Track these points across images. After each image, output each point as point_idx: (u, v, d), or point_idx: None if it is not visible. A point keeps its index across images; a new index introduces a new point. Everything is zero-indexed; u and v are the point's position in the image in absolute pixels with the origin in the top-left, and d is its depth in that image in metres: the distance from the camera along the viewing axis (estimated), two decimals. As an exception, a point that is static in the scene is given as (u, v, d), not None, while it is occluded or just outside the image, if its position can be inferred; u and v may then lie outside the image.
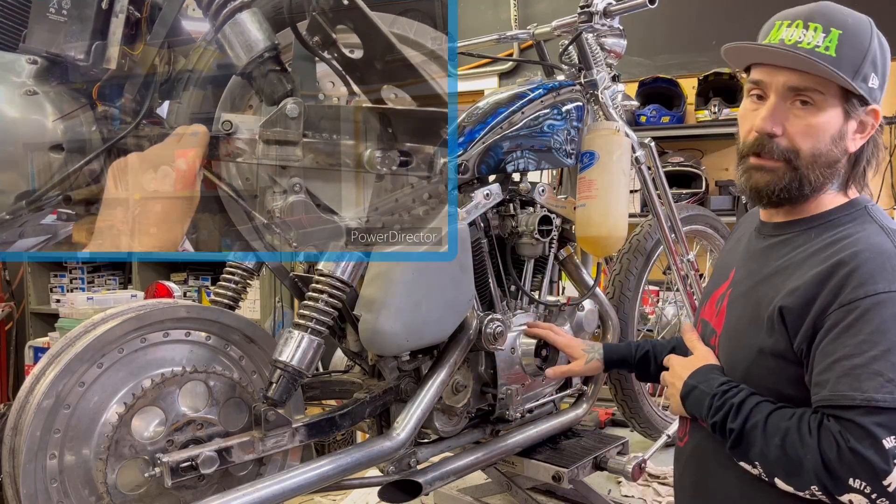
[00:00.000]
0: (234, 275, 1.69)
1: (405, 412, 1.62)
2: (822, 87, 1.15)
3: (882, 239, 1.13)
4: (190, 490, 1.38)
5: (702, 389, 1.23)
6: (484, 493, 2.35)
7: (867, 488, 1.03)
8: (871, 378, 1.04)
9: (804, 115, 1.17)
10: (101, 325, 1.38)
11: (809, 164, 1.18)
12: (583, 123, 1.98)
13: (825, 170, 1.19)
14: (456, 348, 1.71)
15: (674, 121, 3.86)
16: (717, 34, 3.85)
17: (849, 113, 1.17)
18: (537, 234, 1.88)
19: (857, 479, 1.03)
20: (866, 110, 1.18)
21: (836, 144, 1.18)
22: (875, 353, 1.04)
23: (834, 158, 1.19)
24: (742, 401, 1.16)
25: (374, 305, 1.55)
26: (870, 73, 1.17)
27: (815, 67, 1.14)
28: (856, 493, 1.04)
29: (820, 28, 1.16)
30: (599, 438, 2.12)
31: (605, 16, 1.95)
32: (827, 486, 1.05)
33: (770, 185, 1.21)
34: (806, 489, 1.08)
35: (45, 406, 1.27)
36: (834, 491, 1.05)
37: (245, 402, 1.46)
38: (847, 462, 1.03)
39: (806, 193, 1.21)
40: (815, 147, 1.18)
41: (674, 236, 2.26)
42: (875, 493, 1.03)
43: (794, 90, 1.17)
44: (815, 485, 1.07)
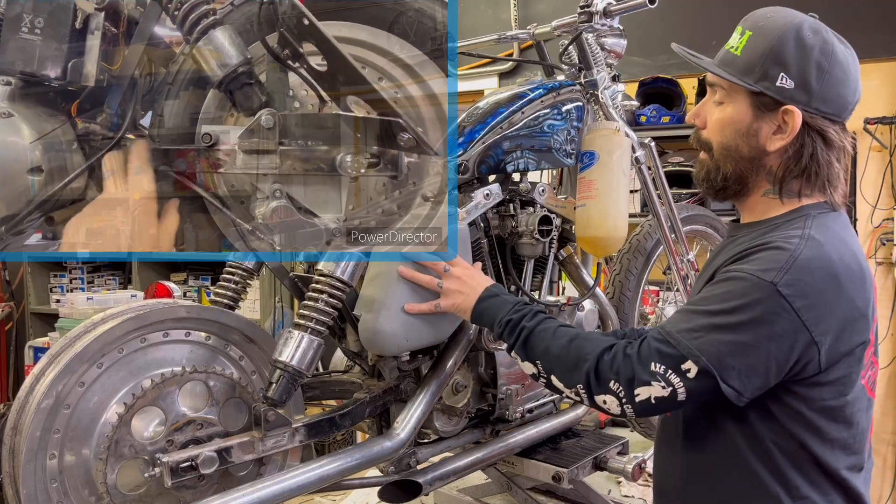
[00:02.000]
0: (233, 275, 1.69)
1: (405, 412, 1.62)
2: (725, 85, 1.25)
3: (794, 241, 1.16)
4: (190, 490, 1.38)
5: (504, 298, 1.41)
6: (484, 493, 2.35)
7: (621, 392, 1.18)
8: (686, 322, 1.17)
9: (715, 111, 1.28)
10: (101, 325, 1.38)
11: (721, 156, 1.27)
12: (583, 123, 1.98)
13: (740, 164, 1.25)
14: (456, 348, 1.71)
15: (674, 121, 3.87)
16: (717, 34, 3.83)
17: (759, 111, 1.22)
18: (537, 234, 1.88)
19: (616, 384, 1.18)
20: (781, 110, 1.20)
21: (745, 140, 1.24)
22: (703, 309, 1.17)
23: (745, 154, 1.24)
24: (539, 311, 1.35)
25: (373, 305, 1.55)
26: (776, 72, 1.18)
27: (698, 67, 1.27)
28: (611, 394, 1.19)
29: (741, 30, 1.26)
30: (599, 438, 2.12)
31: (605, 16, 1.94)
32: (591, 383, 1.21)
33: (699, 175, 1.33)
34: (574, 386, 1.24)
35: (45, 406, 1.27)
36: (595, 389, 1.21)
37: (245, 402, 1.46)
38: (616, 366, 1.19)
39: (730, 185, 1.28)
40: (723, 140, 1.26)
41: (674, 236, 2.26)
42: (625, 399, 1.18)
43: (710, 85, 1.29)
44: (582, 382, 1.22)
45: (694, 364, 1.13)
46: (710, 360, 1.12)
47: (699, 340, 1.13)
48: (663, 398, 1.15)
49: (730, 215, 3.50)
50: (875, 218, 3.70)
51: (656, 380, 1.15)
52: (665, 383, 1.14)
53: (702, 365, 1.12)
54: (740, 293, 1.13)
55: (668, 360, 1.15)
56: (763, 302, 1.11)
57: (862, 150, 3.65)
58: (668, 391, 1.15)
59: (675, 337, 1.16)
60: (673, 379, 1.14)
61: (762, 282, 1.12)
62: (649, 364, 1.16)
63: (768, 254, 1.16)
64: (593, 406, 1.23)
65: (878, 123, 3.62)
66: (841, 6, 3.61)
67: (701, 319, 1.16)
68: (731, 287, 1.15)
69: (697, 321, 1.16)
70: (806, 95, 1.19)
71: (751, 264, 1.15)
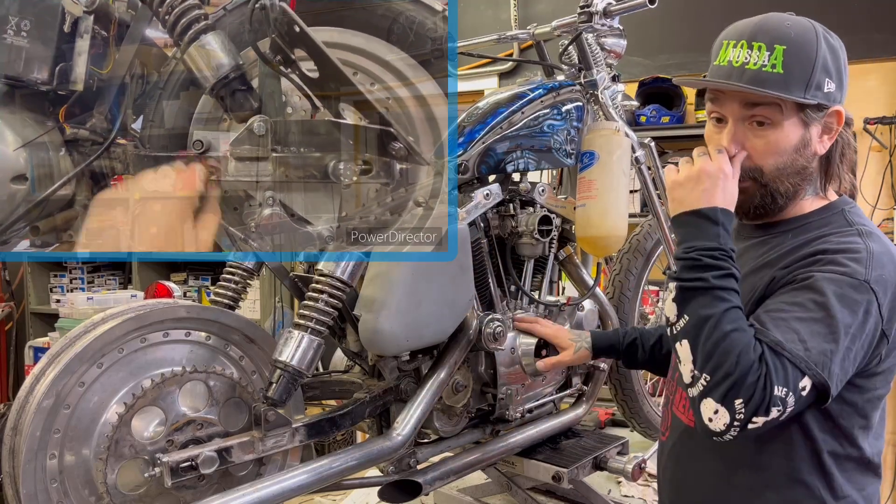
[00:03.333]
0: (234, 275, 1.69)
1: (405, 412, 1.62)
2: (777, 102, 1.17)
3: (857, 239, 1.16)
4: (190, 490, 1.38)
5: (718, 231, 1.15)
6: (484, 493, 2.35)
7: (741, 414, 1.03)
8: (787, 332, 1.07)
9: (763, 134, 1.19)
10: (101, 325, 1.38)
11: (775, 178, 1.21)
12: (583, 123, 1.98)
13: (794, 178, 1.22)
14: (456, 348, 1.71)
15: (674, 121, 3.86)
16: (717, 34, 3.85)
17: (807, 121, 1.19)
18: (537, 234, 1.88)
19: (744, 405, 1.03)
20: (827, 113, 1.20)
21: (800, 154, 1.20)
22: (802, 316, 1.08)
23: (801, 167, 1.21)
24: (734, 276, 1.13)
25: (373, 305, 1.55)
26: (823, 79, 1.17)
27: (762, 95, 1.15)
28: (730, 411, 1.04)
29: (764, 47, 1.17)
30: (599, 438, 2.12)
31: (604, 16, 1.94)
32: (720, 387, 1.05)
33: (745, 204, 1.23)
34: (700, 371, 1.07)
35: (45, 406, 1.27)
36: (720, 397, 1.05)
37: (245, 402, 1.46)
38: (753, 389, 1.03)
39: (781, 204, 1.24)
40: (777, 162, 1.20)
41: (673, 236, 2.26)
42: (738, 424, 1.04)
43: (748, 109, 1.19)
44: (712, 377, 1.06)
45: (810, 380, 1.06)
46: (823, 371, 1.06)
47: (812, 353, 1.06)
48: (771, 421, 1.06)
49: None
50: (875, 218, 3.70)
51: (776, 404, 1.04)
52: (781, 406, 1.05)
53: (817, 380, 1.06)
54: (838, 296, 1.08)
55: (788, 380, 1.05)
56: (860, 302, 1.09)
57: (862, 150, 3.64)
58: (780, 413, 1.05)
59: (786, 349, 1.06)
60: (790, 400, 1.05)
61: (854, 280, 1.09)
62: (774, 388, 1.04)
63: (844, 254, 1.12)
64: (694, 406, 1.10)
65: (878, 123, 3.62)
66: (841, 6, 3.61)
67: (803, 327, 1.07)
68: (827, 290, 1.09)
69: (800, 329, 1.07)
70: (841, 93, 1.21)
71: (835, 266, 1.11)
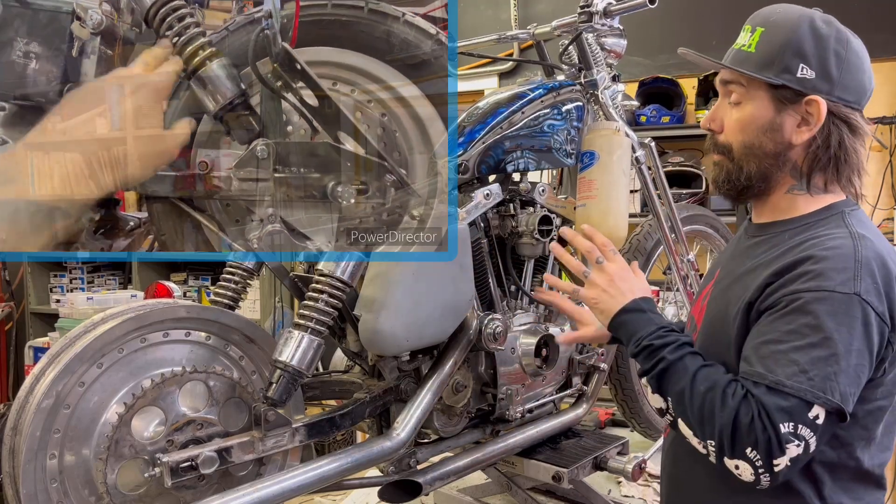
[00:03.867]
0: (234, 275, 1.69)
1: (405, 412, 1.62)
2: (744, 81, 1.23)
3: (847, 242, 1.14)
4: (190, 490, 1.38)
5: (650, 316, 1.25)
6: (484, 493, 2.35)
7: (758, 461, 1.06)
8: (787, 365, 1.07)
9: (733, 111, 1.26)
10: (101, 325, 1.38)
11: (743, 155, 1.25)
12: (583, 123, 1.98)
13: (764, 161, 1.23)
14: (456, 348, 1.71)
15: (674, 121, 3.86)
16: (717, 34, 3.85)
17: (780, 105, 1.20)
18: (537, 234, 1.88)
19: (755, 451, 1.06)
20: (804, 101, 1.19)
21: (769, 136, 1.22)
22: (799, 344, 1.08)
23: (770, 150, 1.22)
24: (684, 343, 1.20)
25: (374, 305, 1.55)
26: (795, 63, 1.18)
27: (708, 64, 1.26)
28: (747, 462, 1.07)
29: (750, 28, 1.24)
30: (599, 438, 2.12)
31: (605, 16, 1.94)
32: (724, 445, 1.08)
33: (718, 177, 1.30)
34: (704, 440, 1.12)
35: (45, 406, 1.27)
36: (729, 452, 1.08)
37: (245, 402, 1.46)
38: (755, 432, 1.06)
39: (754, 184, 1.26)
40: (744, 139, 1.24)
41: (674, 236, 2.26)
42: (762, 469, 1.06)
43: (724, 85, 1.26)
44: (714, 440, 1.10)
45: (821, 408, 1.05)
46: (835, 396, 1.05)
47: (815, 381, 1.05)
48: (798, 457, 1.06)
49: (730, 215, 3.51)
50: (875, 218, 3.70)
51: (790, 441, 1.05)
52: (798, 441, 1.05)
53: (829, 406, 1.06)
54: (830, 314, 1.07)
55: (794, 415, 1.05)
56: (855, 316, 1.07)
57: (862, 150, 3.65)
58: (801, 447, 1.05)
59: (787, 385, 1.06)
60: (804, 432, 1.05)
61: (845, 295, 1.08)
62: (779, 427, 1.05)
63: (831, 263, 1.10)
64: (719, 466, 1.11)
65: (878, 123, 3.62)
66: (841, 6, 3.60)
67: (802, 356, 1.07)
68: (817, 310, 1.08)
69: (799, 359, 1.07)
70: (828, 84, 1.19)
71: (821, 280, 1.09)
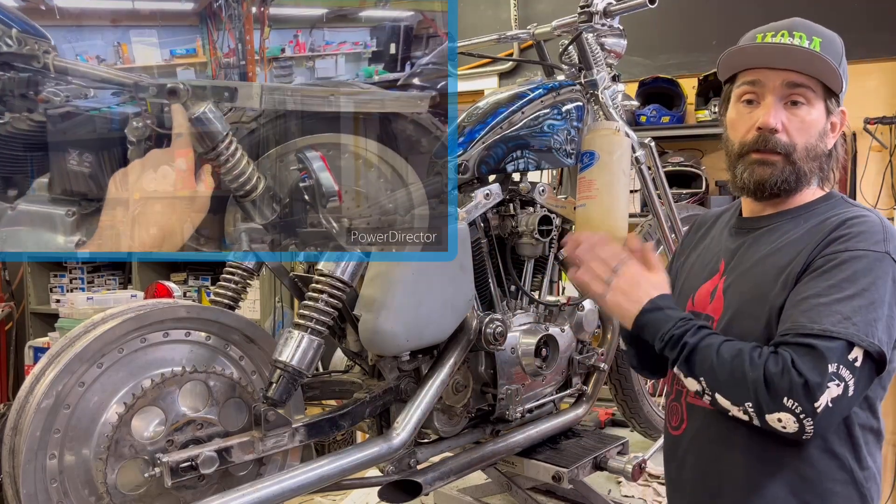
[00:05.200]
0: (234, 275, 1.69)
1: (405, 412, 1.62)
2: (814, 85, 1.27)
3: (869, 214, 1.25)
4: (190, 490, 1.38)
5: (668, 313, 1.29)
6: (484, 493, 2.35)
7: (798, 407, 1.10)
8: (830, 315, 1.13)
9: (798, 113, 1.28)
10: (101, 325, 1.38)
11: (803, 157, 1.29)
12: (583, 123, 1.98)
13: (813, 163, 1.31)
14: (456, 348, 1.71)
15: (674, 121, 3.86)
16: (717, 34, 3.85)
17: (829, 111, 1.30)
18: (537, 234, 1.88)
19: (791, 399, 1.10)
20: (838, 111, 1.31)
21: (821, 140, 1.30)
22: (840, 297, 1.15)
23: (820, 153, 1.31)
24: (702, 326, 1.25)
25: (374, 305, 1.55)
26: (845, 76, 1.29)
27: (822, 61, 1.24)
28: (787, 412, 1.11)
29: (804, 36, 1.27)
30: (599, 438, 2.12)
31: (605, 16, 1.95)
32: (761, 401, 1.12)
33: (773, 177, 1.30)
34: (741, 404, 1.15)
35: (45, 406, 1.27)
36: (767, 407, 1.12)
37: (245, 402, 1.46)
38: (787, 379, 1.10)
39: (799, 186, 1.32)
40: (808, 142, 1.29)
41: (674, 236, 2.26)
42: (804, 414, 1.10)
43: (790, 87, 1.27)
44: (750, 400, 1.14)
45: (860, 350, 1.12)
46: (875, 340, 1.12)
47: (858, 326, 1.12)
48: (838, 397, 1.11)
49: (730, 215, 3.50)
50: (875, 218, 3.70)
51: (832, 380, 1.10)
52: (838, 380, 1.11)
53: (871, 349, 1.12)
54: (867, 270, 1.16)
55: (837, 354, 1.11)
56: (887, 273, 1.16)
57: (862, 150, 3.64)
58: (841, 387, 1.11)
59: (833, 330, 1.12)
60: (844, 373, 1.11)
61: (879, 254, 1.17)
62: (824, 366, 1.10)
63: (863, 228, 1.20)
64: (764, 426, 1.15)
65: (878, 123, 3.61)
66: (841, 6, 3.61)
67: (844, 306, 1.14)
68: (855, 267, 1.16)
69: (842, 309, 1.14)
70: (843, 97, 1.31)
71: (856, 241, 1.19)
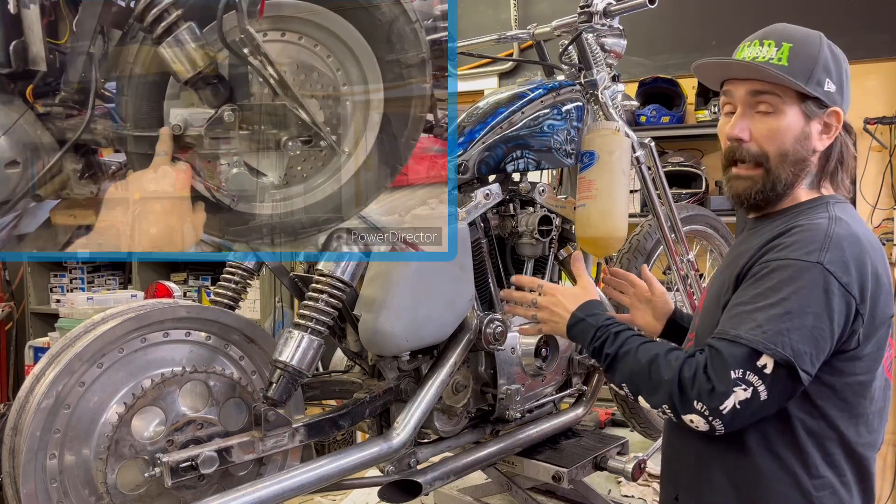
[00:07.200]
0: (234, 275, 1.69)
1: (405, 412, 1.62)
2: (779, 91, 1.29)
3: (823, 223, 1.24)
4: (190, 490, 1.38)
5: (588, 322, 1.40)
6: (484, 493, 2.35)
7: (705, 410, 1.16)
8: (748, 322, 1.18)
9: (766, 120, 1.30)
10: (101, 325, 1.38)
11: (778, 163, 1.31)
12: (583, 123, 1.98)
13: (794, 167, 1.31)
14: (456, 348, 1.71)
15: (674, 121, 3.86)
16: (717, 34, 3.85)
17: (808, 115, 1.30)
18: (537, 234, 1.88)
19: (699, 402, 1.17)
20: (827, 112, 1.30)
21: (801, 144, 1.30)
22: (761, 305, 1.18)
23: (801, 157, 1.31)
24: (619, 331, 1.33)
25: (374, 305, 1.55)
26: (823, 77, 1.29)
27: (768, 74, 1.27)
28: (697, 413, 1.17)
29: (773, 43, 1.30)
30: (599, 438, 2.12)
31: (605, 16, 1.94)
32: (675, 403, 1.19)
33: (748, 191, 1.34)
34: (659, 406, 1.23)
35: (45, 406, 1.27)
36: (680, 409, 1.19)
37: (245, 402, 1.46)
38: (697, 384, 1.17)
39: (780, 192, 1.33)
40: (780, 148, 1.30)
41: (674, 236, 2.26)
42: (711, 416, 1.16)
43: (754, 96, 1.30)
44: (667, 403, 1.21)
45: (770, 357, 1.14)
46: (785, 349, 1.13)
47: (768, 334, 1.14)
48: (746, 401, 1.15)
49: (730, 215, 3.50)
50: (875, 218, 3.70)
51: (737, 385, 1.14)
52: (745, 385, 1.14)
53: (778, 357, 1.14)
54: (791, 279, 1.17)
55: (743, 360, 1.15)
56: (815, 283, 1.16)
57: (862, 150, 3.64)
58: (749, 392, 1.14)
59: (743, 337, 1.16)
60: (752, 378, 1.14)
61: (808, 263, 1.17)
62: (727, 372, 1.15)
63: (802, 236, 1.21)
64: (682, 424, 1.21)
65: (878, 123, 3.61)
66: (841, 6, 3.61)
67: (761, 315, 1.17)
68: (780, 276, 1.18)
69: (758, 317, 1.17)
70: (841, 98, 1.31)
71: (789, 250, 1.19)
